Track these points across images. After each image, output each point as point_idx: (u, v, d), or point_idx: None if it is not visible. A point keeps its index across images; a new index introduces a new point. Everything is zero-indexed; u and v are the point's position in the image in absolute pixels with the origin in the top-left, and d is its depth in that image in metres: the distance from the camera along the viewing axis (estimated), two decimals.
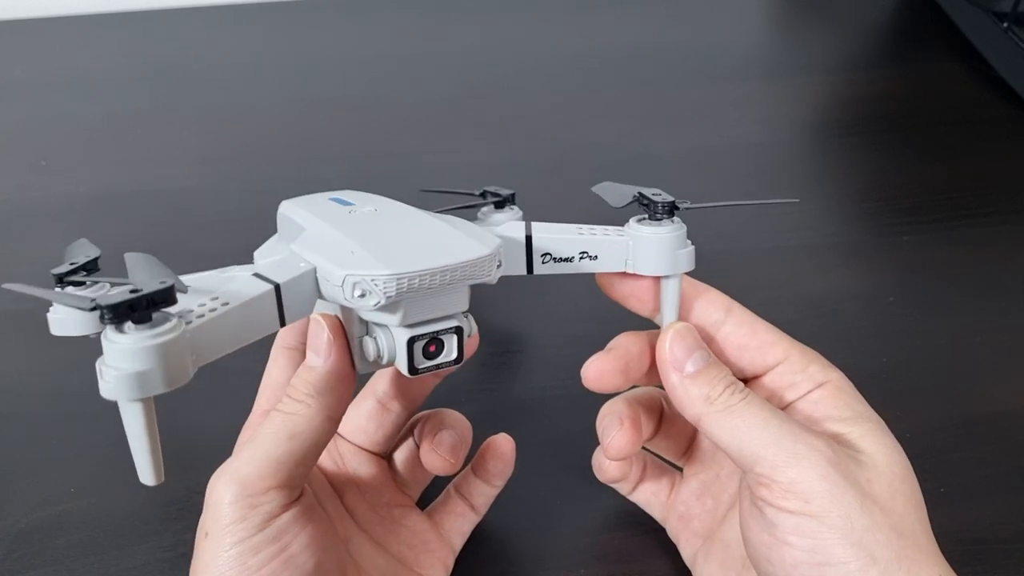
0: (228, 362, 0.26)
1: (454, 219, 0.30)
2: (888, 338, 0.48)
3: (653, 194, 0.31)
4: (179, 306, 0.24)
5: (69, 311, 0.28)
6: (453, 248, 0.27)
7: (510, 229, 0.31)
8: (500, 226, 0.31)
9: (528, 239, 0.31)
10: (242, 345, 0.26)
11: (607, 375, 0.31)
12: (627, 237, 0.31)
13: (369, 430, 0.35)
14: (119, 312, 0.23)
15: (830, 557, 0.26)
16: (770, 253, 0.54)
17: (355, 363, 0.29)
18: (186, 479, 0.39)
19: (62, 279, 0.28)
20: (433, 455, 0.33)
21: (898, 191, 0.59)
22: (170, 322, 0.24)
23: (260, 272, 0.27)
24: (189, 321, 0.24)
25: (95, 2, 0.80)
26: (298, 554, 0.27)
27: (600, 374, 0.31)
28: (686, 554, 0.36)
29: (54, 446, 0.42)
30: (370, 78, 0.72)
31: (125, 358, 0.23)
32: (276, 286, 0.27)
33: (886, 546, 0.26)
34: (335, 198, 0.32)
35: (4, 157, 0.63)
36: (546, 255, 0.31)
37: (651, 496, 0.37)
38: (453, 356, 0.29)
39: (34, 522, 0.38)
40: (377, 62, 0.73)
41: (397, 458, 0.36)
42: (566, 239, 0.31)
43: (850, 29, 0.80)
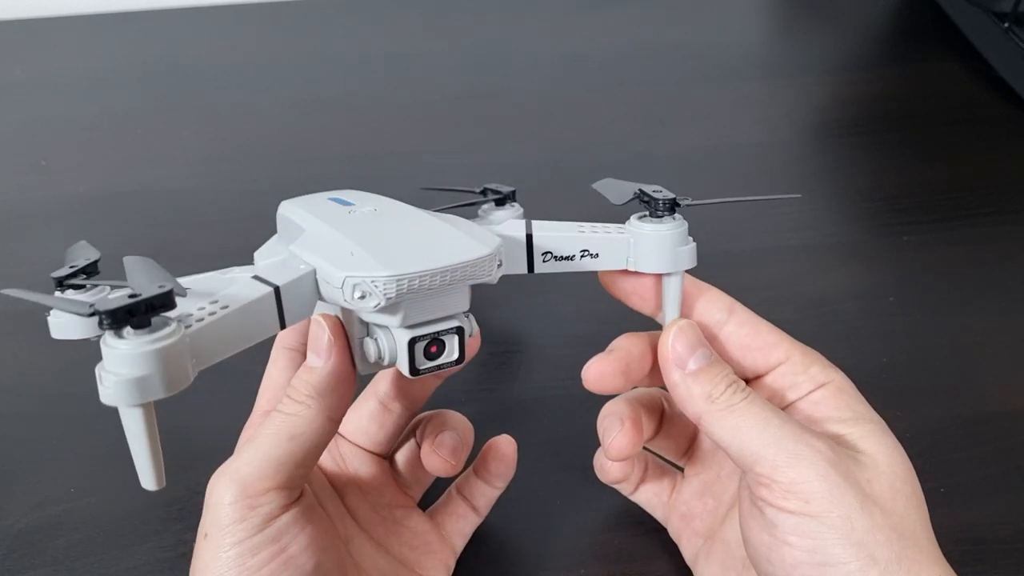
0: (229, 363, 0.26)
1: (454, 218, 0.30)
2: (888, 338, 0.48)
3: (654, 191, 0.31)
4: (178, 310, 0.24)
5: (69, 315, 0.28)
6: (453, 248, 0.27)
7: (510, 228, 0.31)
8: (500, 225, 0.31)
9: (529, 238, 0.31)
10: (242, 348, 0.26)
11: (607, 377, 0.31)
12: (628, 235, 0.31)
13: (370, 431, 0.35)
14: (118, 318, 0.22)
15: (830, 557, 0.26)
16: (770, 253, 0.54)
17: (356, 364, 0.29)
18: (186, 479, 0.39)
19: (62, 282, 0.28)
20: (434, 456, 0.33)
21: (898, 191, 0.59)
22: (169, 327, 0.23)
23: (260, 274, 0.27)
24: (188, 325, 0.24)
25: (95, 2, 0.80)
26: (298, 555, 0.27)
27: (601, 376, 0.31)
28: (687, 554, 0.36)
29: (54, 446, 0.42)
30: (370, 77, 0.72)
31: (124, 363, 0.23)
32: (276, 288, 0.26)
33: (886, 546, 0.26)
34: (335, 198, 0.32)
35: (4, 157, 0.63)
36: (547, 254, 0.31)
37: (652, 496, 0.37)
38: (454, 356, 0.29)
39: (34, 522, 0.38)
40: (377, 62, 0.73)
41: (399, 459, 0.36)
42: (567, 237, 0.31)
43: (850, 29, 0.80)
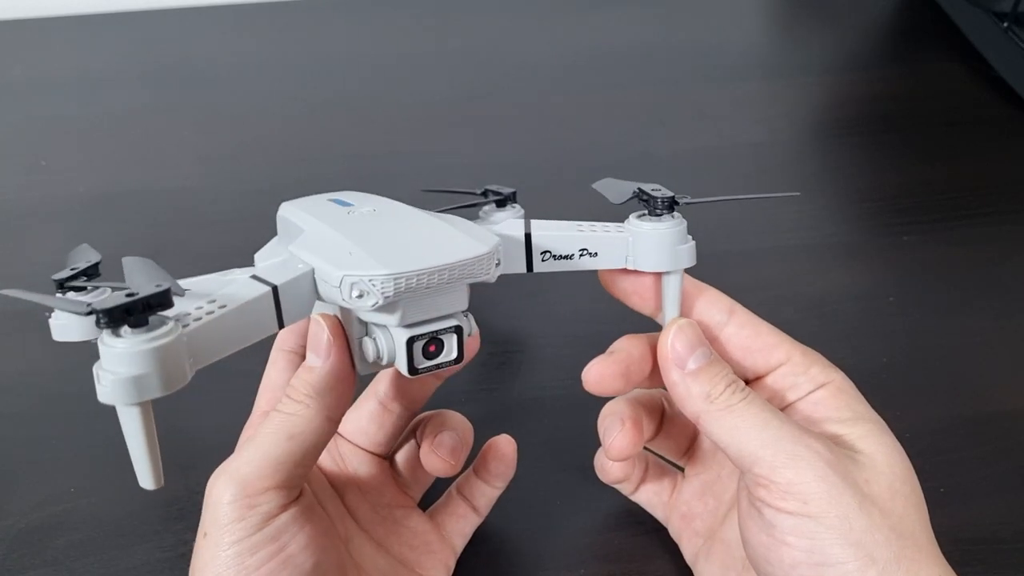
0: (228, 363, 0.26)
1: (453, 218, 0.30)
2: (888, 338, 0.48)
3: (652, 189, 0.31)
4: (176, 309, 0.24)
5: (70, 317, 0.28)
6: (451, 247, 0.27)
7: (509, 227, 0.31)
8: (499, 224, 0.31)
9: (527, 237, 0.31)
10: (240, 347, 0.26)
11: (608, 379, 0.31)
12: (627, 233, 0.31)
13: (370, 431, 0.35)
14: (115, 316, 0.23)
15: (828, 557, 0.26)
16: (770, 253, 0.54)
17: (355, 364, 0.29)
18: (186, 479, 0.39)
19: (63, 284, 0.28)
20: (433, 456, 0.33)
21: (898, 191, 0.59)
22: (166, 325, 0.23)
23: (258, 274, 0.27)
24: (186, 324, 0.24)
25: (95, 2, 0.80)
26: (296, 554, 0.27)
27: (601, 378, 0.31)
28: (688, 554, 0.36)
29: (54, 446, 0.42)
30: (370, 77, 0.72)
31: (121, 362, 0.23)
32: (274, 288, 0.26)
33: (885, 546, 0.26)
34: (334, 199, 0.32)
35: (4, 157, 0.63)
36: (546, 253, 0.31)
37: (653, 496, 0.37)
38: (453, 356, 0.29)
39: (34, 522, 0.38)
40: (377, 61, 0.73)
41: (399, 459, 0.36)
42: (566, 236, 0.31)
43: (850, 29, 0.80)
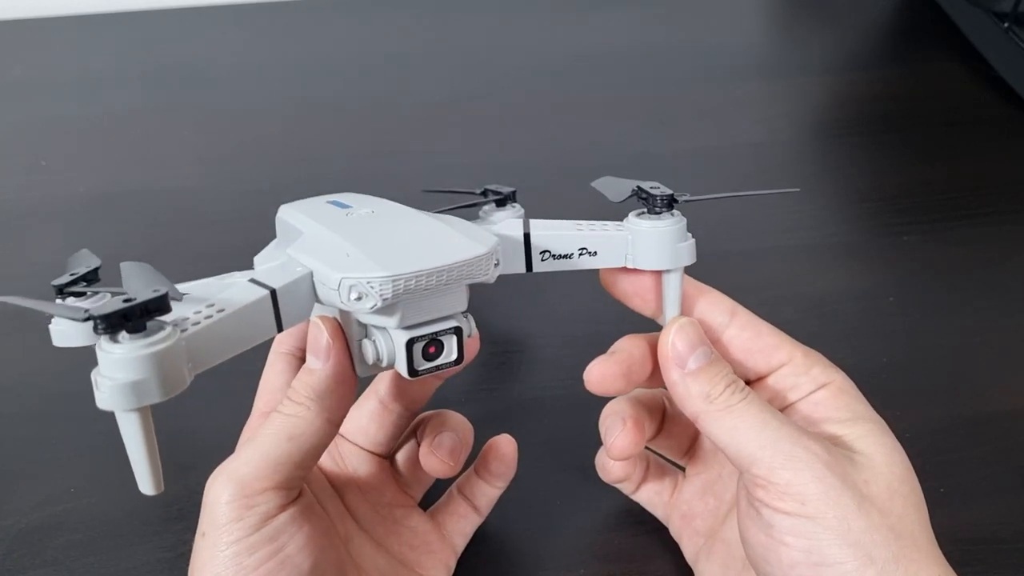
0: (228, 363, 0.26)
1: (452, 219, 0.30)
2: (888, 338, 0.48)
3: (651, 187, 0.31)
4: (174, 314, 0.24)
5: (70, 323, 0.28)
6: (449, 248, 0.27)
7: (508, 227, 0.31)
8: (498, 224, 0.31)
9: (526, 236, 0.30)
10: (240, 351, 0.26)
11: (609, 379, 0.31)
12: (626, 232, 0.31)
13: (370, 431, 0.35)
14: (112, 322, 0.22)
15: (826, 558, 0.26)
16: (770, 253, 0.54)
17: (355, 367, 0.29)
18: (186, 479, 0.39)
19: (62, 290, 0.28)
20: (432, 458, 0.33)
21: (898, 191, 0.59)
22: (164, 330, 0.23)
23: (257, 278, 0.27)
24: (184, 329, 0.24)
25: (95, 2, 0.80)
26: (294, 554, 0.27)
27: (602, 378, 0.31)
28: (688, 553, 0.36)
29: (54, 446, 0.42)
30: (370, 77, 0.72)
31: (119, 368, 0.23)
32: (272, 291, 0.26)
33: (883, 546, 0.26)
34: (333, 201, 0.32)
35: (4, 157, 0.63)
36: (545, 252, 0.31)
37: (654, 496, 0.37)
38: (453, 357, 0.29)
39: (34, 522, 0.38)
40: (377, 61, 0.73)
41: (399, 458, 0.36)
42: (565, 236, 0.31)
43: (850, 29, 0.80)
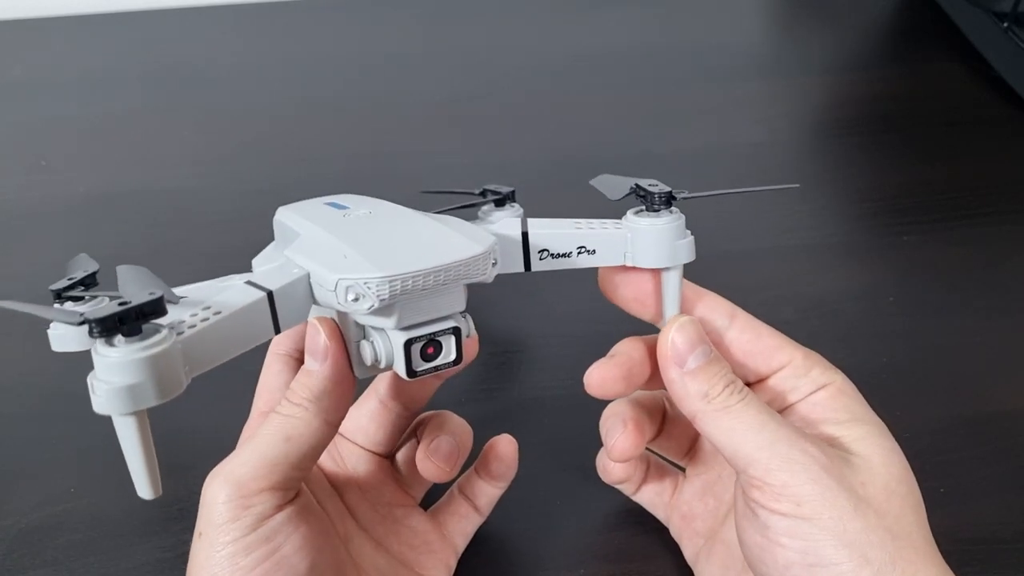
0: (229, 363, 0.26)
1: (450, 219, 0.30)
2: (888, 338, 0.48)
3: (649, 185, 0.31)
4: (171, 317, 0.24)
5: (68, 327, 0.28)
6: (446, 248, 0.27)
7: (506, 226, 0.31)
8: (497, 223, 0.31)
9: (525, 235, 0.30)
10: (237, 353, 0.26)
11: (609, 382, 0.31)
12: (625, 230, 0.31)
13: (370, 430, 0.35)
14: (107, 325, 0.22)
15: (822, 558, 0.26)
16: (770, 253, 0.54)
17: (353, 368, 0.29)
18: (186, 479, 0.39)
19: (60, 294, 0.28)
20: (427, 462, 0.33)
21: (898, 191, 0.59)
22: (160, 334, 0.23)
23: (254, 280, 0.27)
24: (180, 332, 0.24)
25: (95, 2, 0.80)
26: (291, 555, 0.27)
27: (603, 381, 0.31)
28: (688, 554, 0.36)
29: (54, 446, 0.42)
30: (370, 77, 0.72)
31: (116, 372, 0.23)
32: (269, 293, 0.26)
33: (880, 547, 0.26)
34: (330, 202, 0.32)
35: (4, 157, 0.63)
36: (543, 251, 0.31)
37: (654, 496, 0.37)
38: (452, 357, 0.28)
39: (34, 522, 0.38)
40: (377, 62, 0.73)
41: (400, 458, 0.36)
42: (563, 234, 0.31)
43: (850, 29, 0.80)
